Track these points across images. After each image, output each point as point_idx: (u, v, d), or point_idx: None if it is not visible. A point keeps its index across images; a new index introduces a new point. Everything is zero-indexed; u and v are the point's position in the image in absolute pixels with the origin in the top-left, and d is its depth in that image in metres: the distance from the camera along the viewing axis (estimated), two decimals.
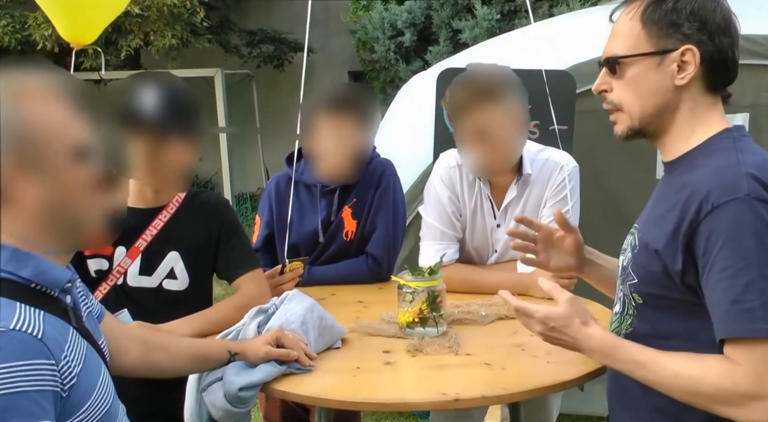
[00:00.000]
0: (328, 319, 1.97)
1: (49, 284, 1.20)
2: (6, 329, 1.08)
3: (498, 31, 6.76)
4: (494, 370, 1.79)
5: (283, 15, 10.20)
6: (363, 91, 2.67)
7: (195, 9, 8.28)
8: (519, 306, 1.62)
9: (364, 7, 8.38)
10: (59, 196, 1.18)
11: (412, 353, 1.90)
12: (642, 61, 1.47)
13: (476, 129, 2.31)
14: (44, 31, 7.71)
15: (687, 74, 1.44)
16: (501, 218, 2.51)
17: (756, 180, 1.33)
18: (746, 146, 1.44)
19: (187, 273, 2.10)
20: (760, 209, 1.31)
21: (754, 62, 3.28)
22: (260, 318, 1.95)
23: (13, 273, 1.16)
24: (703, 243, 1.35)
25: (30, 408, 1.06)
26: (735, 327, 1.31)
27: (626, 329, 1.56)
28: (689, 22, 1.43)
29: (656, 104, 1.48)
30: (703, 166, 1.42)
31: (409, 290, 2.02)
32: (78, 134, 1.20)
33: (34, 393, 1.07)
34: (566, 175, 2.44)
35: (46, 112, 1.17)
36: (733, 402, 1.32)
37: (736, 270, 1.31)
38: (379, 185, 2.61)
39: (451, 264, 2.46)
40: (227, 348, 1.79)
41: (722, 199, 1.33)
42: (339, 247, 2.61)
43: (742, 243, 1.30)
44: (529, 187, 2.48)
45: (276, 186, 2.70)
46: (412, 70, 7.38)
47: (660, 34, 1.45)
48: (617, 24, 1.53)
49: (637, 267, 1.50)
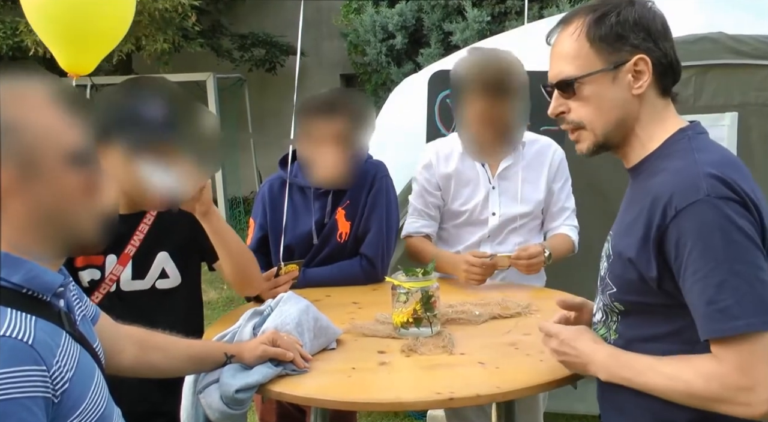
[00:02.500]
0: (323, 320, 1.99)
1: (41, 289, 1.19)
2: None
3: (489, 32, 6.80)
4: (488, 369, 1.81)
5: (275, 18, 10.21)
6: (357, 96, 2.69)
7: (186, 13, 8.27)
8: (541, 326, 1.69)
9: (355, 10, 8.40)
10: (52, 202, 1.18)
11: (406, 353, 1.92)
12: (597, 78, 1.49)
13: (483, 114, 2.42)
14: (35, 36, 7.68)
15: (643, 82, 1.48)
16: (496, 181, 2.69)
17: (715, 178, 1.35)
18: (702, 144, 1.47)
19: (177, 270, 2.12)
20: (723, 207, 1.33)
21: (741, 62, 3.31)
22: (255, 320, 1.97)
23: (4, 279, 1.15)
24: (673, 248, 1.37)
25: (20, 415, 1.06)
26: (714, 328, 1.34)
27: (613, 335, 1.58)
28: (635, 33, 1.47)
29: (617, 116, 1.51)
30: (663, 170, 1.45)
31: (403, 290, 2.03)
32: (71, 139, 1.20)
33: (26, 400, 1.06)
34: (561, 157, 2.71)
35: (39, 118, 1.17)
36: (727, 400, 1.35)
37: (707, 272, 1.33)
38: (372, 186, 2.63)
39: (415, 236, 2.77)
40: (223, 350, 1.80)
41: (683, 202, 1.35)
42: (333, 249, 2.62)
43: (709, 244, 1.33)
44: (522, 156, 2.68)
45: (269, 188, 2.71)
46: (404, 72, 7.40)
47: (610, 50, 1.48)
48: (559, 45, 1.54)
49: (614, 277, 1.53)
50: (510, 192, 2.67)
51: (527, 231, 2.71)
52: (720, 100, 3.32)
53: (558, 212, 2.73)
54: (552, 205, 2.72)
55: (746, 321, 1.32)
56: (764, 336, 1.33)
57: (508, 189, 2.67)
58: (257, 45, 10.23)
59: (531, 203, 2.68)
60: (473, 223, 2.71)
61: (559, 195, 2.71)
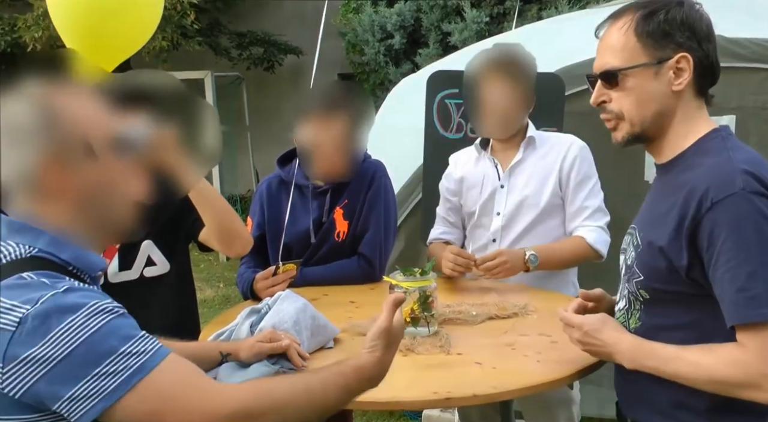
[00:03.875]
0: (321, 319, 1.99)
1: (86, 268, 1.25)
2: (66, 288, 1.13)
3: (487, 33, 6.80)
4: (485, 369, 1.81)
5: (273, 17, 10.20)
6: (356, 90, 2.70)
7: (185, 11, 8.25)
8: (562, 316, 1.71)
9: (353, 9, 8.40)
10: (96, 188, 1.23)
11: (403, 352, 1.92)
12: (640, 71, 1.55)
13: (489, 93, 2.51)
14: (34, 32, 7.68)
15: (683, 80, 1.54)
16: (505, 179, 2.64)
17: (749, 174, 1.43)
18: (735, 144, 1.55)
19: (164, 256, 2.12)
20: (756, 202, 1.41)
21: (739, 65, 3.32)
22: (253, 318, 1.97)
23: (54, 255, 1.20)
24: (706, 239, 1.44)
25: (124, 331, 1.14)
26: (741, 314, 1.41)
27: (635, 324, 1.64)
28: (681, 32, 1.53)
29: (655, 110, 1.57)
30: (699, 166, 1.52)
31: (400, 290, 2.03)
32: (113, 127, 1.24)
33: (114, 320, 1.13)
34: (578, 151, 2.59)
35: (81, 105, 1.22)
36: (750, 385, 1.42)
37: (739, 262, 1.40)
38: (370, 186, 2.63)
39: (435, 242, 2.81)
40: (219, 348, 1.81)
41: (720, 195, 1.42)
42: (331, 248, 2.62)
43: (743, 236, 1.40)
44: (534, 152, 2.63)
45: (267, 187, 2.71)
46: (402, 72, 7.40)
47: (656, 45, 1.54)
48: (607, 38, 1.60)
49: (642, 265, 1.59)
50: (517, 190, 2.62)
51: (545, 232, 2.61)
52: (717, 103, 3.32)
53: (576, 212, 2.59)
54: (569, 205, 2.60)
55: None
56: None
57: (516, 187, 2.63)
58: (255, 43, 10.21)
59: (538, 202, 2.59)
60: (482, 225, 2.69)
61: (576, 193, 2.58)
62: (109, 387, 1.10)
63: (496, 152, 2.70)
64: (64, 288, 1.13)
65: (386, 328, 1.38)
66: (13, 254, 1.18)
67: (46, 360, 1.08)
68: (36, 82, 1.20)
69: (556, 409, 2.61)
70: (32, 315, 1.09)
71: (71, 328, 1.09)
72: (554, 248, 2.56)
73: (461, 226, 2.80)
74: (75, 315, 1.10)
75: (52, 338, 1.08)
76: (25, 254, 1.18)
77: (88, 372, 1.09)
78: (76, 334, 1.09)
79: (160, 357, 1.15)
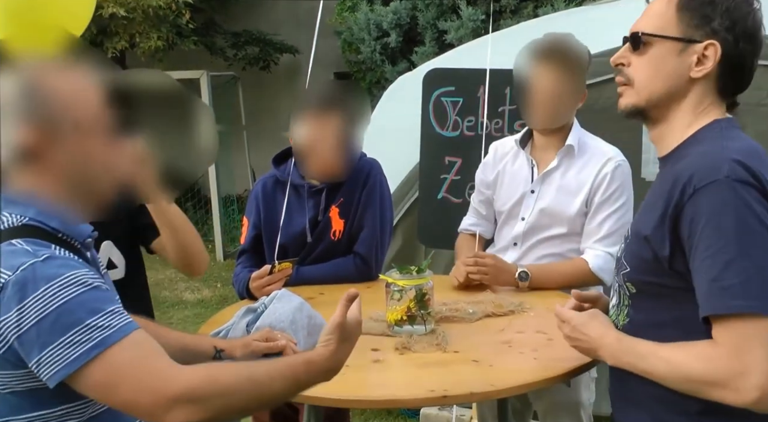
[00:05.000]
0: (317, 318, 1.98)
1: (74, 234, 1.32)
2: (46, 256, 1.21)
3: (483, 31, 6.78)
4: (482, 367, 1.81)
5: (268, 17, 10.18)
6: (351, 88, 2.69)
7: (180, 11, 8.24)
8: (556, 311, 1.71)
9: (349, 8, 8.38)
10: (86, 161, 1.28)
11: (400, 351, 1.92)
12: (666, 43, 1.49)
13: (540, 83, 2.43)
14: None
15: (704, 68, 1.47)
16: (536, 185, 2.55)
17: (738, 163, 1.36)
18: (732, 134, 1.47)
19: (123, 258, 2.10)
20: (741, 190, 1.34)
21: None
22: (249, 317, 1.96)
23: (43, 223, 1.28)
24: (687, 226, 1.38)
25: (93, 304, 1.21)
26: (713, 305, 1.35)
27: (623, 320, 1.59)
28: (720, 19, 1.45)
29: (666, 88, 1.51)
30: (690, 155, 1.46)
31: (397, 288, 2.03)
32: (101, 104, 1.28)
33: (87, 292, 1.21)
34: (611, 170, 2.45)
35: (72, 81, 1.27)
36: (719, 383, 1.34)
37: (717, 250, 1.34)
38: (366, 184, 2.62)
39: (463, 233, 2.78)
40: (214, 344, 1.80)
41: (703, 181, 1.36)
42: (327, 247, 2.62)
43: (722, 224, 1.34)
44: (570, 161, 2.51)
45: (263, 187, 2.71)
46: (398, 70, 7.38)
47: (690, 23, 1.47)
48: (655, 4, 1.54)
49: (630, 257, 1.54)
50: (546, 199, 2.52)
51: (566, 247, 2.52)
52: None
53: (591, 232, 2.46)
54: (587, 223, 2.47)
55: (747, 302, 1.32)
56: (763, 321, 1.32)
57: (545, 195, 2.52)
58: (251, 43, 10.19)
59: (563, 215, 2.48)
60: (508, 225, 2.63)
61: (596, 213, 2.45)
62: (71, 356, 1.18)
63: (535, 150, 2.60)
64: (45, 257, 1.21)
65: (340, 323, 1.40)
66: (6, 223, 1.26)
67: (18, 324, 1.18)
68: (26, 58, 1.26)
69: (564, 412, 2.56)
70: (12, 281, 1.18)
71: (44, 297, 1.18)
72: (552, 269, 2.48)
73: (493, 220, 2.72)
74: (48, 285, 1.18)
75: (25, 305, 1.18)
76: (16, 223, 1.26)
77: (53, 340, 1.18)
78: (48, 303, 1.18)
79: (123, 334, 1.22)
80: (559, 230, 2.51)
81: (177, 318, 5.87)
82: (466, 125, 3.48)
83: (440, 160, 3.52)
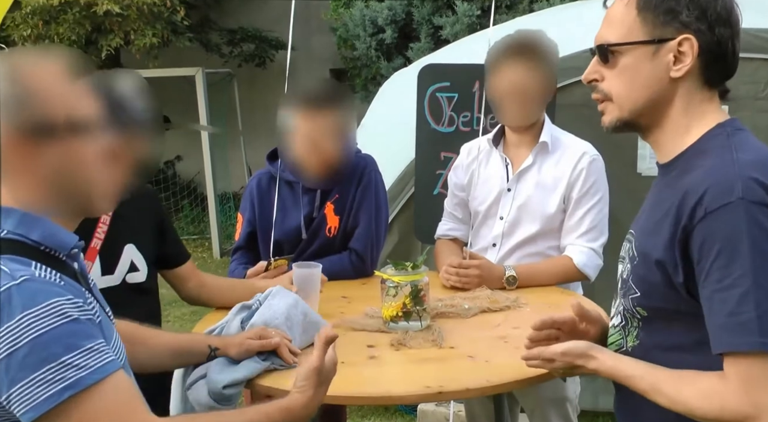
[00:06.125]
0: (312, 315, 1.98)
1: (57, 246, 1.22)
2: (24, 279, 1.11)
3: (479, 26, 6.79)
4: (478, 363, 1.81)
5: (264, 13, 10.16)
6: (338, 90, 2.63)
7: (175, 8, 8.24)
8: (534, 353, 1.58)
9: (344, 4, 8.37)
10: (65, 166, 1.20)
11: (395, 347, 1.91)
12: (636, 49, 1.37)
13: (509, 79, 2.44)
14: (23, 31, 7.66)
15: (683, 66, 1.35)
16: (512, 183, 2.56)
17: (754, 181, 1.24)
18: (742, 142, 1.35)
19: (145, 262, 2.10)
20: (757, 214, 1.23)
21: None
22: (243, 314, 1.96)
23: (24, 236, 1.18)
24: (697, 251, 1.27)
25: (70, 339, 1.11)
26: (729, 341, 1.24)
27: (632, 342, 1.48)
28: (688, 10, 1.33)
29: (648, 97, 1.39)
30: (698, 168, 1.33)
31: (392, 284, 2.02)
32: (83, 109, 1.23)
33: (66, 325, 1.11)
34: (586, 165, 2.48)
35: (52, 86, 1.20)
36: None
37: (732, 281, 1.23)
38: (361, 181, 2.61)
39: (442, 238, 2.76)
40: (207, 342, 1.80)
41: (715, 203, 1.25)
42: (322, 243, 2.61)
43: (737, 252, 1.22)
44: (545, 158, 2.53)
45: (257, 183, 2.69)
46: (394, 66, 7.39)
47: (656, 22, 1.35)
48: (611, 10, 1.43)
49: (638, 280, 1.42)
50: (522, 197, 2.52)
51: (546, 244, 2.53)
52: None
53: (571, 228, 2.49)
54: (567, 219, 2.49)
55: (764, 339, 1.21)
56: None
57: (522, 193, 2.53)
58: (246, 40, 10.19)
59: (542, 213, 2.50)
60: (486, 226, 2.62)
61: (576, 208, 2.47)
62: (41, 396, 1.08)
63: (508, 148, 2.60)
64: (22, 279, 1.11)
65: (317, 368, 1.38)
66: None
67: None
68: (10, 59, 1.22)
69: (551, 407, 2.57)
70: None
71: (18, 328, 1.08)
72: (539, 268, 2.47)
73: (469, 222, 2.71)
74: (23, 314, 1.08)
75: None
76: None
77: (24, 376, 1.07)
78: (21, 335, 1.07)
79: (100, 375, 1.12)
80: (538, 227, 2.51)
81: (174, 316, 5.86)
82: (461, 121, 3.47)
83: (436, 156, 3.51)
